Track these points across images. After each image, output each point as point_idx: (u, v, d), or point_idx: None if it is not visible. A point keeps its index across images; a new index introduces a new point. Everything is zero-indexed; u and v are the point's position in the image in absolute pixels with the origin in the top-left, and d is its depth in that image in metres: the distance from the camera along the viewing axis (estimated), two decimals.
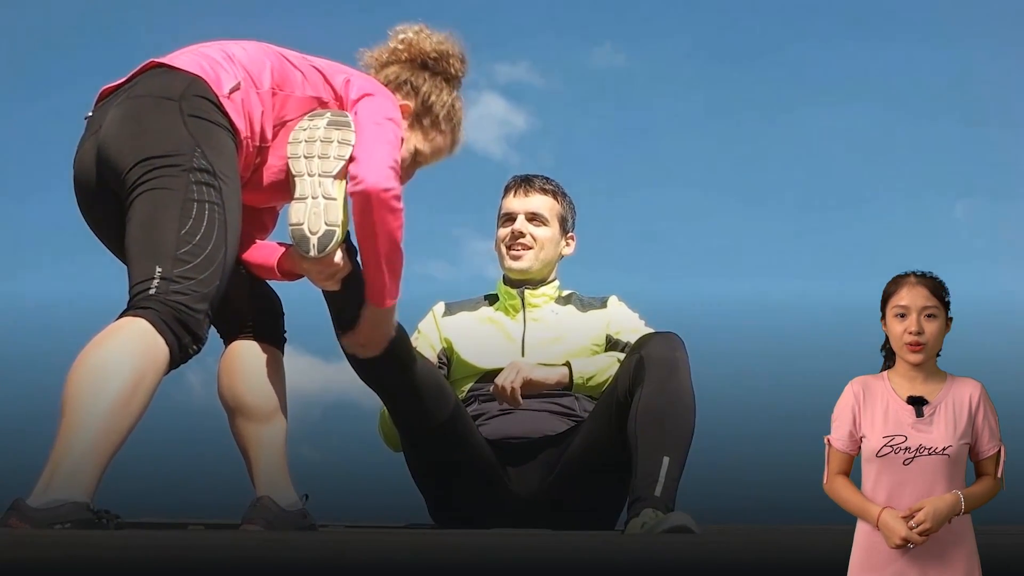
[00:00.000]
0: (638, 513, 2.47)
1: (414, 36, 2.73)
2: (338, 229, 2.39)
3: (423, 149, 2.74)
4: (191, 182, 2.24)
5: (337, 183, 2.41)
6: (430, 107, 2.71)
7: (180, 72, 2.35)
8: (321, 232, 2.38)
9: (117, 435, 2.09)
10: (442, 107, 2.72)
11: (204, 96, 2.32)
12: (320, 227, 2.38)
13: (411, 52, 2.73)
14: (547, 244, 3.13)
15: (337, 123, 2.44)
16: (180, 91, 2.31)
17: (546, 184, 3.18)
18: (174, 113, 2.29)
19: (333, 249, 2.40)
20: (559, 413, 2.95)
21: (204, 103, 2.32)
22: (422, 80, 2.71)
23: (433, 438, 2.84)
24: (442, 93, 2.73)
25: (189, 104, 2.30)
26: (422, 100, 2.71)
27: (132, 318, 2.16)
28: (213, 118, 2.32)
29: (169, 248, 2.20)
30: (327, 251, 2.39)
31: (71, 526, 1.97)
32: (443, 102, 2.72)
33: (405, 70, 2.71)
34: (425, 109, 2.71)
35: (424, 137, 2.73)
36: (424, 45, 2.73)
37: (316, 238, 2.38)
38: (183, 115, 2.29)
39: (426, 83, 2.71)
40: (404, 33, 2.74)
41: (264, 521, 2.40)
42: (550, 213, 3.14)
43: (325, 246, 2.38)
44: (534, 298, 3.13)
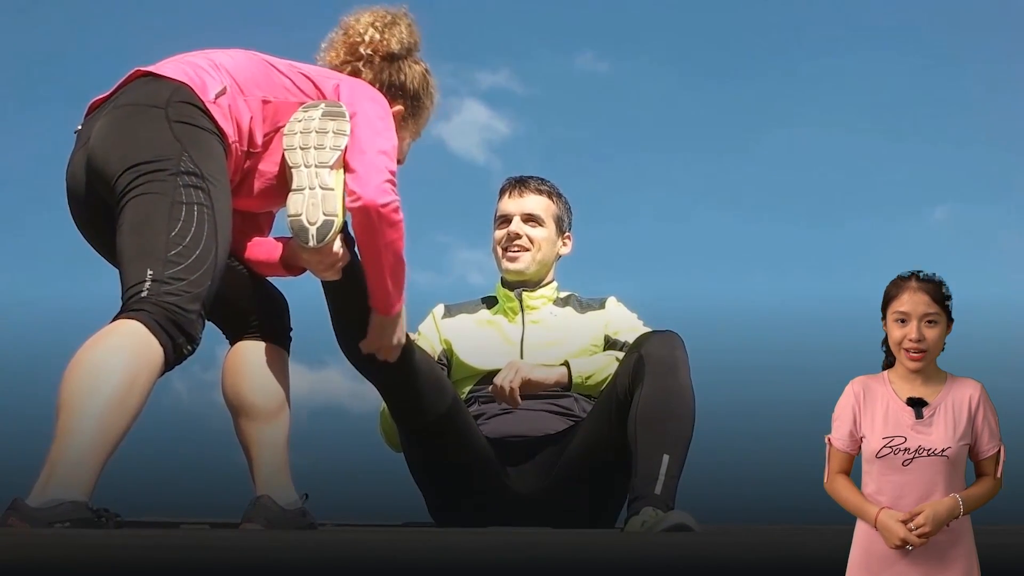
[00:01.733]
0: (638, 511, 2.47)
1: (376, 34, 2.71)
2: (336, 219, 2.41)
3: (417, 129, 2.80)
4: (179, 185, 2.25)
5: (334, 173, 2.43)
6: (414, 94, 2.74)
7: (165, 80, 2.37)
8: (320, 222, 2.40)
9: (114, 434, 2.09)
10: (415, 81, 2.74)
11: (190, 102, 2.34)
12: (318, 217, 2.40)
13: (380, 55, 2.72)
14: (543, 245, 3.13)
15: (332, 113, 2.46)
16: (166, 98, 2.33)
17: (541, 185, 3.18)
18: (160, 120, 2.31)
19: (332, 238, 2.42)
20: (558, 413, 2.95)
21: (190, 108, 2.33)
22: (396, 71, 2.72)
23: (431, 432, 2.84)
24: (412, 70, 2.74)
25: (175, 110, 2.32)
26: (406, 93, 2.73)
27: (125, 320, 2.17)
28: (199, 123, 2.33)
29: (159, 251, 2.21)
30: (326, 240, 2.41)
31: (70, 525, 1.97)
32: (414, 76, 2.74)
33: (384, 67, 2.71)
34: (413, 100, 2.75)
35: (414, 120, 2.78)
36: (391, 45, 2.71)
37: (315, 228, 2.40)
38: (169, 121, 2.30)
39: (399, 72, 2.72)
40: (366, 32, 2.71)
41: (264, 520, 2.40)
42: (546, 213, 3.14)
43: (324, 236, 2.40)
44: (532, 300, 3.13)
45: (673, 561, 1.92)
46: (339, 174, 2.44)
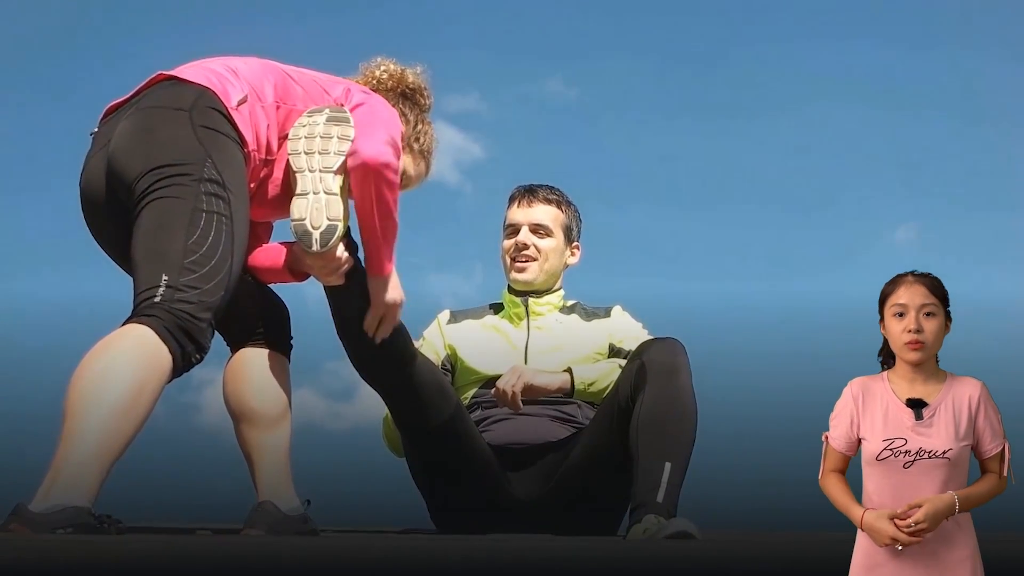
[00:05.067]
0: (640, 519, 2.47)
1: (395, 68, 2.80)
2: (340, 224, 2.43)
3: (410, 172, 2.81)
4: (201, 192, 2.26)
5: (338, 178, 2.44)
6: (417, 136, 2.79)
7: (189, 84, 2.37)
8: (323, 227, 2.42)
9: (119, 441, 2.10)
10: (425, 136, 2.81)
11: (214, 107, 2.35)
12: (322, 222, 2.42)
13: (394, 81, 2.79)
14: (551, 255, 3.13)
15: (336, 119, 2.47)
16: (191, 102, 2.33)
17: (550, 194, 3.18)
18: (185, 123, 2.31)
19: (335, 244, 2.44)
20: (560, 419, 2.95)
21: (214, 114, 2.34)
22: (407, 108, 2.78)
23: (433, 438, 2.84)
24: (423, 124, 2.81)
25: (200, 115, 2.32)
26: (412, 127, 2.78)
27: (136, 325, 2.17)
28: (223, 129, 2.34)
29: (176, 257, 2.21)
30: (329, 245, 2.43)
31: (73, 531, 1.98)
32: (426, 132, 2.81)
33: (391, 98, 2.74)
34: (415, 137, 2.79)
35: (412, 161, 2.80)
36: (407, 77, 2.80)
37: (318, 233, 2.42)
38: (194, 125, 2.31)
39: (411, 112, 2.79)
40: (384, 65, 2.80)
41: (266, 526, 2.40)
42: (554, 223, 3.14)
43: (328, 241, 2.42)
44: (538, 306, 3.13)
45: (675, 569, 1.92)
46: (343, 179, 2.45)
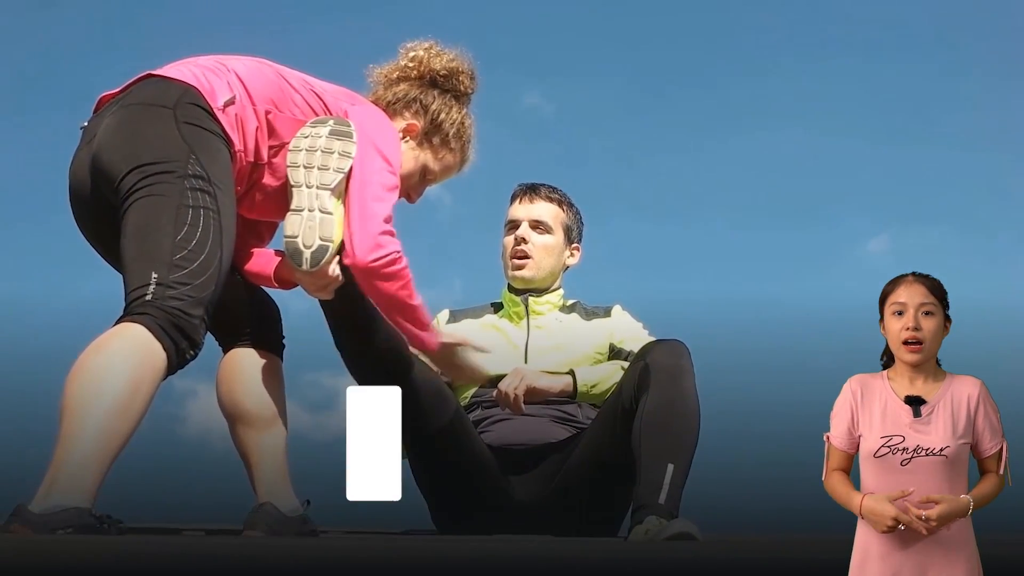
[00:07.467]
0: (641, 520, 2.47)
1: (424, 54, 2.75)
2: (332, 244, 2.39)
3: (432, 167, 2.76)
4: (186, 188, 2.25)
5: (334, 197, 2.41)
6: (439, 125, 2.73)
7: (174, 82, 2.36)
8: (315, 247, 2.38)
9: (117, 440, 2.09)
10: (451, 125, 2.74)
11: (198, 104, 2.33)
12: (314, 241, 2.39)
13: (420, 70, 2.74)
14: (550, 252, 3.13)
15: (339, 133, 2.44)
16: (174, 99, 2.32)
17: (551, 192, 3.18)
18: (168, 120, 2.30)
19: (326, 263, 2.40)
20: (561, 420, 2.94)
21: (198, 111, 2.33)
22: (431, 98, 2.73)
23: (433, 443, 2.84)
24: (451, 111, 2.74)
25: (183, 111, 2.31)
26: (431, 118, 2.72)
27: (129, 324, 2.17)
28: (207, 126, 2.33)
29: (165, 254, 2.21)
30: (320, 266, 2.39)
31: (73, 531, 1.98)
32: (452, 120, 2.74)
33: (414, 88, 2.72)
34: (435, 127, 2.73)
35: (434, 155, 2.75)
36: (434, 63, 2.74)
37: (309, 252, 2.38)
38: (177, 122, 2.30)
39: (435, 101, 2.73)
40: (414, 51, 2.76)
41: (265, 527, 2.40)
42: (554, 221, 3.14)
43: (318, 261, 2.39)
44: (538, 305, 3.13)
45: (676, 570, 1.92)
46: (340, 200, 2.42)
